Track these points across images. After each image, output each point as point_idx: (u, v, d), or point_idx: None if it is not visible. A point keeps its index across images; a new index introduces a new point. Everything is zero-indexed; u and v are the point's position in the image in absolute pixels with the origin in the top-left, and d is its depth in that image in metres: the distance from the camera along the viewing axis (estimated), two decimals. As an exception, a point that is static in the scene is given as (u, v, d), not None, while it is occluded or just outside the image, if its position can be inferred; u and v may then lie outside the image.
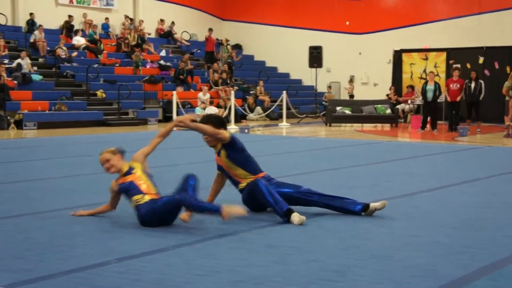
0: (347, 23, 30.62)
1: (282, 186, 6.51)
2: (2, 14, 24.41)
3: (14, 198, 7.42)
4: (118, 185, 6.16)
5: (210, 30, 29.79)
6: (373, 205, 6.35)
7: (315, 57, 25.69)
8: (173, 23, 31.03)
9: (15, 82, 21.46)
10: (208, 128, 6.41)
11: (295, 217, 5.99)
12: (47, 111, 20.93)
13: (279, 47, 32.19)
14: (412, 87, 24.35)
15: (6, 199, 7.35)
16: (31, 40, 24.58)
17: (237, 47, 32.29)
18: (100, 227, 5.90)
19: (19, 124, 19.69)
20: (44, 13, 26.13)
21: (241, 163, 6.53)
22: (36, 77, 22.49)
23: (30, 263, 4.69)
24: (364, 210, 6.36)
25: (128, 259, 4.81)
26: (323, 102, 27.31)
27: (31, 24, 25.30)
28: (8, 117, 19.71)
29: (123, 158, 6.32)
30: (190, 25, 32.04)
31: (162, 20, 31.01)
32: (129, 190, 6.05)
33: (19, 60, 22.56)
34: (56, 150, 13.50)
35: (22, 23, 25.72)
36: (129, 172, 6.18)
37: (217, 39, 30.73)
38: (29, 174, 9.51)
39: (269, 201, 6.17)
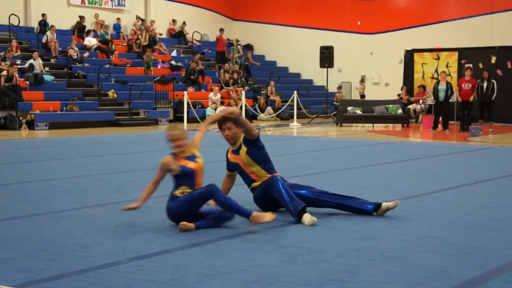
0: (359, 23, 30.57)
1: (295, 187, 6.52)
2: (14, 15, 24.53)
3: (28, 198, 7.46)
4: (180, 166, 5.97)
5: (221, 30, 29.80)
6: (385, 204, 6.34)
7: (326, 57, 25.67)
8: (184, 23, 31.09)
9: (27, 82, 21.55)
10: (248, 121, 6.57)
11: (307, 217, 6.00)
12: (58, 112, 21.00)
13: (290, 47, 32.17)
14: (423, 87, 24.28)
15: (19, 199, 7.39)
16: (43, 40, 24.68)
17: (248, 47, 32.31)
18: (112, 227, 5.92)
19: (31, 125, 19.77)
20: (56, 14, 26.23)
21: (260, 160, 6.54)
22: (48, 78, 22.58)
23: (43, 263, 4.72)
24: (376, 209, 6.36)
25: (139, 259, 4.83)
26: (334, 102, 27.27)
27: (43, 25, 25.40)
28: (20, 118, 19.80)
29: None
30: (201, 25, 32.08)
31: (174, 21, 31.06)
32: (186, 177, 5.95)
33: (31, 61, 22.66)
34: (67, 151, 13.55)
35: (34, 23, 25.83)
36: (193, 158, 6.07)
37: (228, 39, 30.76)
38: (42, 175, 9.55)
39: (284, 198, 6.16)
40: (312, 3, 31.76)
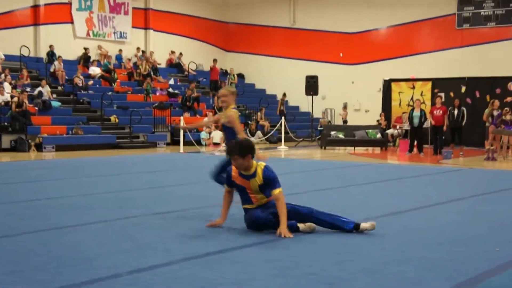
0: (341, 54, 30.78)
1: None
2: (25, 46, 24.56)
3: (35, 215, 7.42)
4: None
5: (215, 61, 29.92)
6: (363, 225, 6.33)
7: (311, 85, 25.80)
8: (181, 54, 31.19)
9: (36, 108, 21.52)
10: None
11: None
12: (65, 135, 20.96)
13: (278, 76, 32.30)
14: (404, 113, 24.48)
15: (28, 216, 7.35)
16: (51, 70, 24.70)
17: (240, 76, 32.42)
18: (113, 242, 5.89)
19: (39, 147, 19.71)
20: (63, 45, 26.27)
21: (268, 194, 6.47)
22: (55, 104, 22.56)
23: (49, 275, 4.68)
24: (356, 228, 6.35)
25: (138, 272, 4.80)
26: (319, 127, 27.35)
27: (51, 55, 25.43)
28: (29, 140, 19.74)
29: None
30: (196, 56, 32.20)
31: (172, 52, 31.17)
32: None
33: (40, 88, 22.64)
34: (73, 171, 13.50)
35: (43, 54, 25.85)
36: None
37: (221, 69, 30.83)
38: (49, 193, 9.50)
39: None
40: (298, 36, 31.97)
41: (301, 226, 6.36)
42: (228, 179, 6.58)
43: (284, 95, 29.48)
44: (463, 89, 24.09)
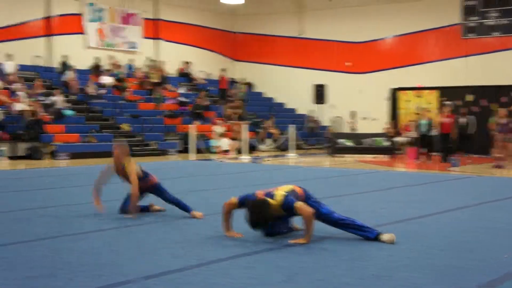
0: (348, 63, 30.75)
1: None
2: (39, 56, 24.69)
3: (49, 222, 7.43)
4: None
5: (223, 70, 29.97)
6: (382, 238, 6.24)
7: (319, 94, 25.82)
8: (190, 63, 31.24)
9: (50, 117, 21.62)
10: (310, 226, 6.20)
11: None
12: (78, 143, 21.03)
13: (286, 85, 32.29)
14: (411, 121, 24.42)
15: (42, 223, 7.37)
16: (64, 79, 24.81)
17: (248, 85, 32.48)
18: (124, 248, 5.89)
19: (53, 155, 19.79)
20: (75, 55, 26.38)
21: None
22: (69, 113, 22.65)
23: (62, 281, 4.69)
24: (376, 239, 6.28)
25: (149, 278, 4.79)
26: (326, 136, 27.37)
27: (64, 65, 25.54)
28: (44, 149, 19.82)
29: None
30: (206, 65, 32.24)
31: (186, 62, 31.27)
32: None
33: (53, 97, 22.74)
34: (86, 178, 13.51)
35: (56, 64, 25.97)
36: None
37: (230, 78, 30.87)
38: (62, 200, 9.53)
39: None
40: (305, 45, 31.98)
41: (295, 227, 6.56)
42: (244, 201, 6.34)
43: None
44: (470, 97, 24.00)
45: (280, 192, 6.28)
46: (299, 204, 6.13)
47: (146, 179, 7.97)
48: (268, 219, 6.18)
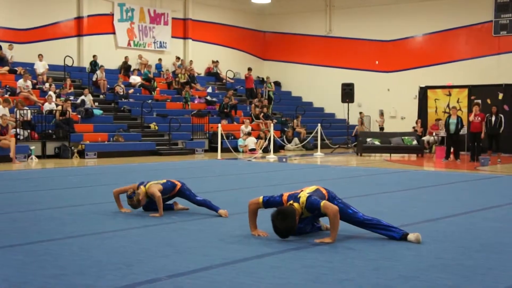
0: (377, 62, 30.56)
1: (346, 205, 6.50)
2: (69, 56, 25.01)
3: (78, 220, 7.52)
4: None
5: (249, 69, 30.02)
6: (409, 237, 6.19)
7: (347, 93, 25.67)
8: (217, 61, 31.33)
9: (79, 116, 21.87)
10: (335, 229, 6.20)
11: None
12: (106, 142, 21.22)
13: (314, 84, 32.24)
14: (438, 120, 24.15)
15: (71, 221, 7.46)
16: (94, 79, 25.09)
17: (276, 84, 32.48)
18: (153, 246, 5.93)
19: (81, 154, 20.01)
20: (105, 55, 26.68)
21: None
22: (97, 112, 22.88)
23: (91, 279, 4.74)
24: (402, 238, 6.24)
25: (177, 276, 4.82)
26: (353, 134, 27.30)
27: (94, 65, 25.83)
28: (72, 147, 20.06)
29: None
30: (234, 64, 32.34)
31: (214, 62, 31.39)
32: None
33: (82, 97, 23.01)
34: (114, 177, 13.65)
35: (86, 64, 26.29)
36: None
37: (258, 77, 30.90)
38: (91, 199, 9.63)
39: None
40: (334, 44, 31.87)
41: (323, 226, 6.64)
42: (271, 202, 6.37)
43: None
44: (500, 96, 23.67)
45: (304, 193, 6.28)
46: (324, 203, 6.12)
47: (170, 189, 8.04)
48: (296, 226, 6.15)
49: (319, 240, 6.11)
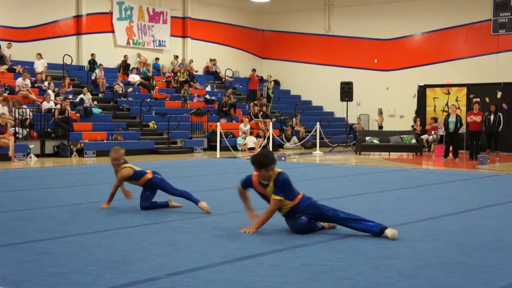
0: (376, 61, 30.58)
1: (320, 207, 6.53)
2: (68, 55, 25.00)
3: (77, 219, 7.52)
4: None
5: (254, 70, 29.89)
6: (386, 232, 6.22)
7: (346, 91, 25.67)
8: (215, 60, 31.32)
9: (78, 115, 21.86)
10: (267, 216, 6.47)
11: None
12: (105, 141, 21.22)
13: (313, 82, 32.25)
14: (435, 119, 24.13)
15: (70, 220, 7.46)
16: (92, 77, 25.08)
17: (275, 83, 32.48)
18: (152, 245, 5.93)
19: (80, 152, 20.00)
20: (104, 54, 26.68)
21: (287, 197, 6.50)
22: (96, 110, 22.88)
23: (90, 277, 4.74)
24: (380, 234, 6.24)
25: (176, 275, 4.83)
26: (354, 128, 27.33)
27: (93, 64, 25.83)
28: (71, 146, 20.05)
29: None
30: (233, 63, 32.35)
31: (212, 60, 31.38)
32: None
33: (81, 96, 23.00)
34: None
35: (85, 62, 26.28)
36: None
37: (257, 75, 30.90)
38: (90, 197, 9.64)
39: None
40: (333, 43, 31.88)
41: (325, 225, 6.59)
42: (245, 182, 6.65)
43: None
44: (499, 94, 23.67)
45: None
46: (278, 196, 6.33)
47: (139, 177, 8.07)
48: (274, 157, 6.44)
49: (243, 230, 6.37)
